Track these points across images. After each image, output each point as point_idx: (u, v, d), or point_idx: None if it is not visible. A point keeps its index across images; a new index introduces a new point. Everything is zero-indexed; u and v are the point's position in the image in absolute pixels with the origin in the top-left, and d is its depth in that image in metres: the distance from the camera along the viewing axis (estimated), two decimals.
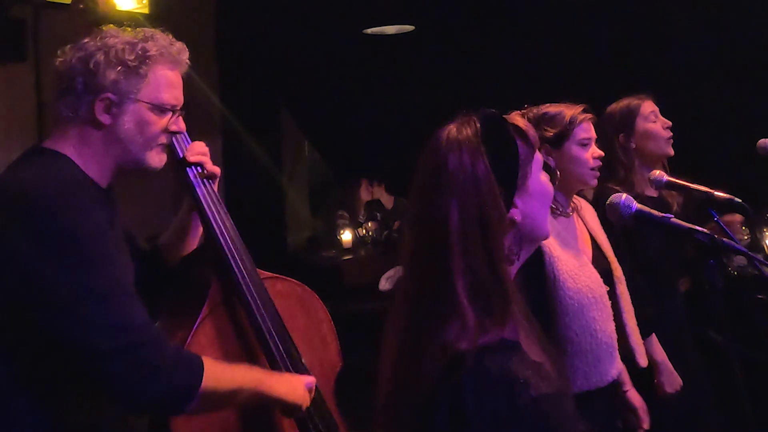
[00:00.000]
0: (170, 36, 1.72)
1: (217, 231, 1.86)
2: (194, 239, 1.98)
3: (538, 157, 1.31)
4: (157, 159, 1.69)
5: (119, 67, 1.60)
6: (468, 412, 1.15)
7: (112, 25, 1.68)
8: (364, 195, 6.40)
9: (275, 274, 1.99)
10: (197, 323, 1.79)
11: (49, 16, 3.82)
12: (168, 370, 1.48)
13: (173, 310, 1.91)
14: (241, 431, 1.83)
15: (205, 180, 1.89)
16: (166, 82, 1.67)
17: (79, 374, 1.50)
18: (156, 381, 1.46)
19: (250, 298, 1.83)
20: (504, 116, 1.32)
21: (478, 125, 1.26)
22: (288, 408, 1.74)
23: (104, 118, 1.61)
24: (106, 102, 1.60)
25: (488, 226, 1.21)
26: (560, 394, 1.28)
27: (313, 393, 1.80)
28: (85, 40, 1.64)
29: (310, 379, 1.80)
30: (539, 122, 2.19)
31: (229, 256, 1.85)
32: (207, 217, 1.86)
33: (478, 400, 1.15)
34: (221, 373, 1.60)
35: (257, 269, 1.91)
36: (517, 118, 1.33)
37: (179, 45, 1.72)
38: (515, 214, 1.26)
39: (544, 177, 1.32)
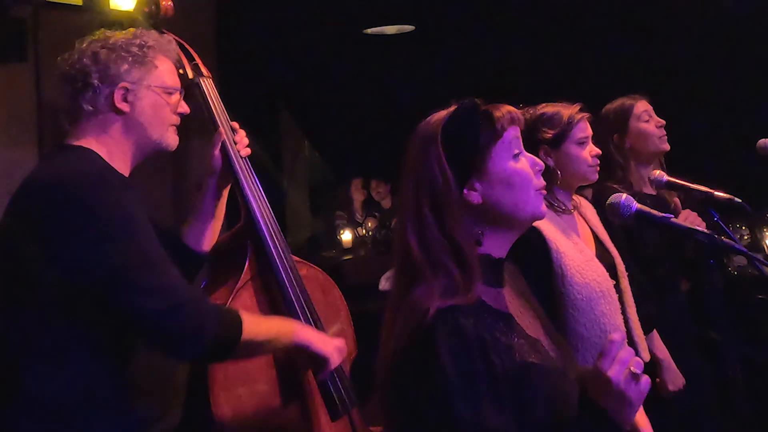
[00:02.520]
0: (154, 31, 1.90)
1: (257, 211, 2.01)
2: (219, 222, 2.08)
3: (507, 141, 1.35)
4: (173, 139, 1.84)
5: (129, 58, 1.75)
6: (441, 366, 1.20)
7: (103, 30, 1.83)
8: (357, 195, 6.38)
9: (301, 260, 2.11)
10: (233, 294, 1.92)
11: (49, 16, 3.82)
12: (211, 325, 1.62)
13: (210, 282, 2.04)
14: (276, 402, 1.94)
15: (244, 162, 2.06)
16: (168, 68, 1.84)
17: (132, 332, 1.68)
18: (201, 335, 1.60)
19: (284, 273, 1.97)
20: (479, 103, 1.37)
21: (448, 115, 1.36)
22: (319, 358, 1.86)
23: (123, 106, 1.75)
24: (123, 91, 1.74)
25: (439, 204, 1.30)
26: (554, 370, 1.31)
27: (344, 353, 1.93)
28: (84, 45, 1.78)
29: (340, 341, 1.93)
30: (537, 123, 2.21)
31: (266, 233, 1.99)
32: (248, 197, 2.01)
33: (452, 354, 1.20)
34: (259, 324, 1.76)
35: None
36: (499, 105, 1.37)
37: (167, 36, 1.91)
38: (472, 196, 1.32)
39: (518, 163, 1.35)
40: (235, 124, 2.12)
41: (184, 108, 1.87)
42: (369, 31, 5.28)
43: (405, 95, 5.50)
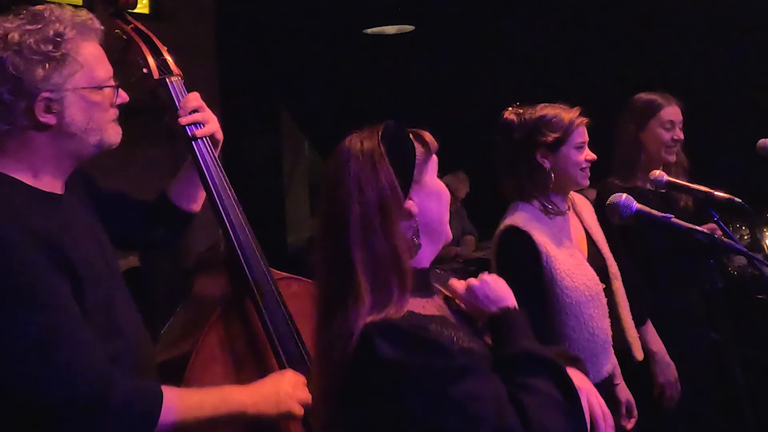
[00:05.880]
0: (67, 6, 1.53)
1: (231, 230, 1.84)
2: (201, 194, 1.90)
3: (434, 161, 1.43)
4: (114, 135, 1.57)
5: (45, 63, 1.43)
6: (385, 362, 1.21)
7: None
8: None
9: (291, 275, 1.99)
10: (207, 327, 1.78)
11: None
12: (117, 417, 1.39)
13: (185, 310, 1.92)
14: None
15: (218, 175, 1.84)
16: (94, 58, 1.52)
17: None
18: (103, 429, 1.38)
19: (261, 298, 1.82)
20: (402, 126, 1.42)
21: (380, 132, 1.39)
22: (280, 418, 1.69)
23: (48, 119, 1.45)
24: (45, 102, 1.44)
25: (386, 211, 1.33)
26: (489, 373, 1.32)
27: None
28: None
29: (297, 379, 1.73)
30: (537, 125, 2.20)
31: (242, 255, 1.83)
32: (221, 214, 1.83)
33: (393, 348, 1.22)
34: (192, 404, 1.51)
35: (272, 270, 1.89)
36: (420, 132, 1.43)
37: (84, 13, 1.54)
38: (411, 205, 1.37)
39: (439, 182, 1.44)
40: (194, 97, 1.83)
41: (123, 97, 1.57)
42: (369, 31, 5.29)
43: (405, 95, 5.50)
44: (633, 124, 2.76)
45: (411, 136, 1.42)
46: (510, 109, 2.27)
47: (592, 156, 2.26)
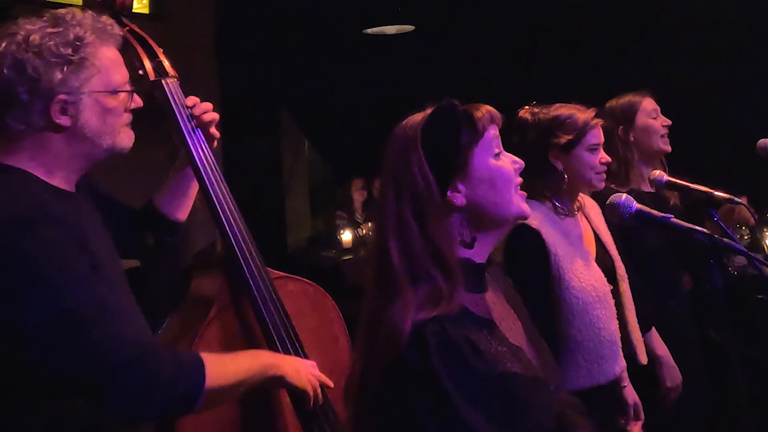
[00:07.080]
0: (88, 11, 1.57)
1: (228, 228, 1.84)
2: (191, 196, 1.93)
3: (489, 139, 1.34)
4: (127, 140, 1.60)
5: (63, 66, 1.46)
6: (444, 387, 1.18)
7: (18, 21, 1.50)
8: (357, 195, 6.38)
9: (287, 274, 1.99)
10: (204, 325, 1.79)
11: None
12: (168, 379, 1.43)
13: (182, 310, 1.93)
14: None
15: (215, 175, 1.86)
16: (111, 62, 1.55)
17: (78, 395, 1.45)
18: (157, 392, 1.41)
19: (258, 296, 1.83)
20: (458, 103, 1.36)
21: (425, 116, 1.33)
22: (295, 389, 1.73)
23: (63, 121, 1.48)
24: (61, 104, 1.47)
25: (421, 209, 1.27)
26: (534, 380, 1.30)
27: (318, 379, 1.79)
28: (2, 45, 1.46)
29: (312, 363, 1.81)
30: (551, 126, 2.19)
31: (239, 254, 1.84)
32: (218, 213, 1.84)
33: (443, 365, 1.18)
34: (225, 367, 1.56)
35: (268, 269, 1.90)
36: (478, 105, 1.36)
37: (105, 18, 1.57)
38: (455, 198, 1.30)
39: (499, 161, 1.34)
40: (194, 99, 1.89)
41: (138, 102, 1.61)
42: (369, 31, 5.29)
43: (405, 95, 5.50)
44: (620, 126, 2.77)
45: (459, 117, 1.33)
46: (526, 107, 2.26)
47: (607, 158, 2.24)
